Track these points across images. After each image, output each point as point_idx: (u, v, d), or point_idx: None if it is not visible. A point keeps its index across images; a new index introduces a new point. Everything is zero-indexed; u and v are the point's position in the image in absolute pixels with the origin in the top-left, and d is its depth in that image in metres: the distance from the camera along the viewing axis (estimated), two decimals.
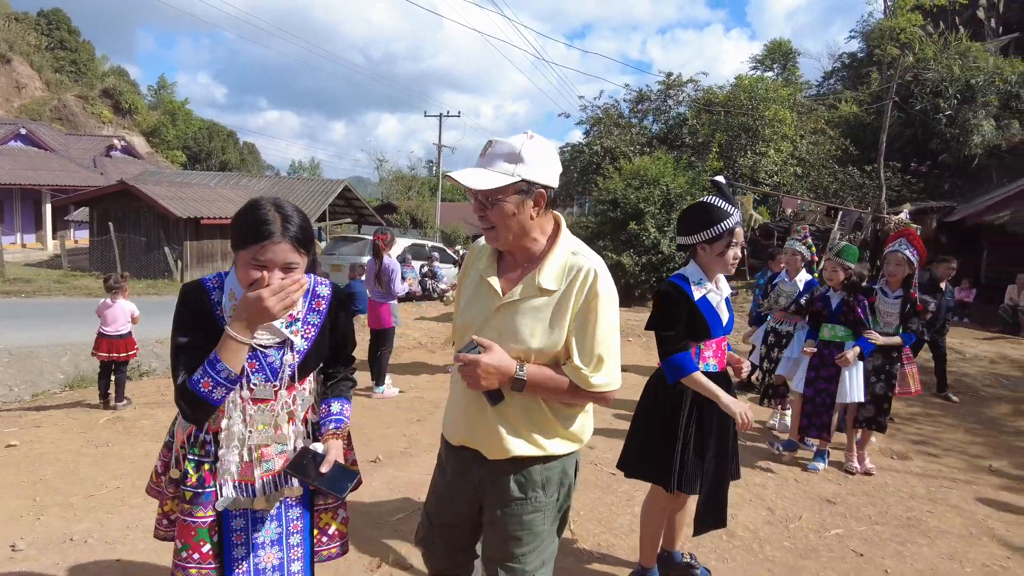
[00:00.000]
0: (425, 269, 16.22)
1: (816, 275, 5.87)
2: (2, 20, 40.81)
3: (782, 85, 22.97)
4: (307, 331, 1.83)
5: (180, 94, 60.99)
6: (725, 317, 2.72)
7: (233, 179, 30.51)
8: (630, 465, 2.85)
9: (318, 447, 1.82)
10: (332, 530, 1.96)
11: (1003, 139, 19.11)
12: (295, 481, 1.81)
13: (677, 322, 2.60)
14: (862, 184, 19.51)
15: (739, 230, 2.63)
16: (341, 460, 1.83)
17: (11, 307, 13.37)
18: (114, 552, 2.99)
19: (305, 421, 1.89)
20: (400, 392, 6.59)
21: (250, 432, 1.77)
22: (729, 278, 2.86)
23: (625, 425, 5.23)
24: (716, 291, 2.69)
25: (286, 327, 1.78)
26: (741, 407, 2.56)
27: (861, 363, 4.48)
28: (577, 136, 55.41)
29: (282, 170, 64.58)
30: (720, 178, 2.76)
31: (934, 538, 3.67)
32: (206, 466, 1.75)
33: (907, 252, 4.44)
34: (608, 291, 1.75)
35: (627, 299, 16.98)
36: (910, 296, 4.44)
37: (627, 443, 2.88)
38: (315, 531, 1.94)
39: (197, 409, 1.64)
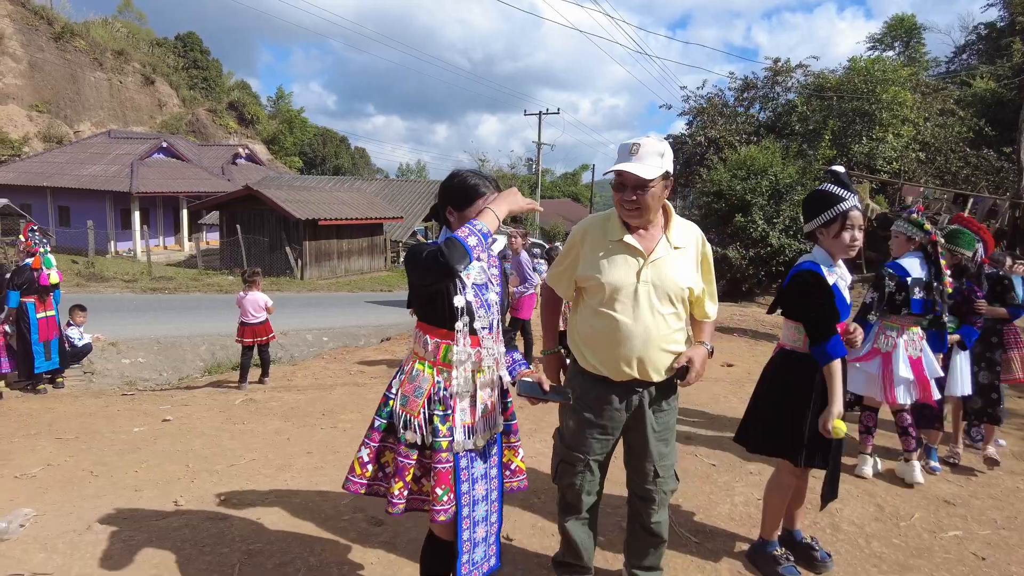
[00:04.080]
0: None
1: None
2: (148, 46, 45.41)
3: (903, 64, 21.36)
4: (494, 278, 2.24)
5: (296, 103, 65.24)
6: (850, 302, 2.76)
7: (347, 182, 32.26)
8: (754, 440, 2.90)
9: (530, 377, 2.24)
10: (514, 466, 2.38)
11: None
12: (500, 419, 2.26)
13: (827, 304, 2.64)
14: (999, 168, 17.81)
15: (855, 213, 2.67)
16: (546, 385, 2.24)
17: (158, 302, 14.96)
18: (255, 513, 3.40)
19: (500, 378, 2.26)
20: None
21: (475, 378, 2.14)
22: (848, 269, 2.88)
23: (722, 424, 5.19)
24: (842, 277, 2.75)
25: (483, 272, 2.21)
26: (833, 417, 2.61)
27: (966, 353, 4.26)
28: (680, 127, 53.90)
29: (391, 173, 67.47)
30: (838, 167, 2.83)
31: None
32: (449, 418, 2.09)
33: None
34: (710, 247, 2.47)
35: (733, 294, 16.25)
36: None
37: (748, 421, 2.94)
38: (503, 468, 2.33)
39: (455, 250, 1.92)
